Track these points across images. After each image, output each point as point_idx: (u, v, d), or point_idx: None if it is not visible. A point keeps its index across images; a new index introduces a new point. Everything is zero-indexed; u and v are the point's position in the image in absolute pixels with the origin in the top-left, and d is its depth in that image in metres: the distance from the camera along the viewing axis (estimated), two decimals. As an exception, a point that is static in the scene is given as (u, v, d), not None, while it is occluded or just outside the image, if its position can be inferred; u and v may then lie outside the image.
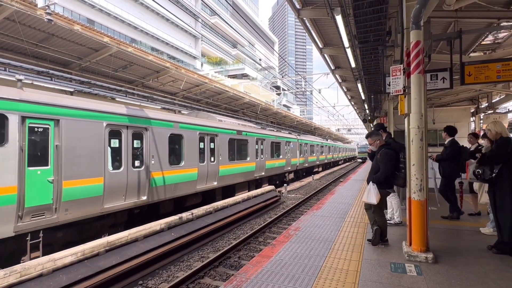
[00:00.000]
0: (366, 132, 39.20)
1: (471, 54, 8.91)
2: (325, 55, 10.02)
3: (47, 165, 5.66)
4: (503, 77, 5.19)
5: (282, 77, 47.38)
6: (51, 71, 8.34)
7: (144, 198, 7.67)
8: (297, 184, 19.82)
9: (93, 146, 6.45)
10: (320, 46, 9.35)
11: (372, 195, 4.45)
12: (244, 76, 46.00)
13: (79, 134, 6.17)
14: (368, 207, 4.75)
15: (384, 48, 6.40)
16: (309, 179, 22.73)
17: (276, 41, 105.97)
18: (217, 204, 9.50)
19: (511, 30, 7.31)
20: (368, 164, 22.85)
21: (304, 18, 7.35)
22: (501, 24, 6.71)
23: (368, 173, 4.92)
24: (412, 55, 3.99)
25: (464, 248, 4.41)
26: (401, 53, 5.05)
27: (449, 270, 3.62)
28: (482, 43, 8.32)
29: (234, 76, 43.59)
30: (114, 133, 7.03)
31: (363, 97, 13.69)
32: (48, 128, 5.70)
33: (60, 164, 5.80)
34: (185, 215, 7.96)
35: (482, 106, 14.89)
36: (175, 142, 9.07)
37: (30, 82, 7.50)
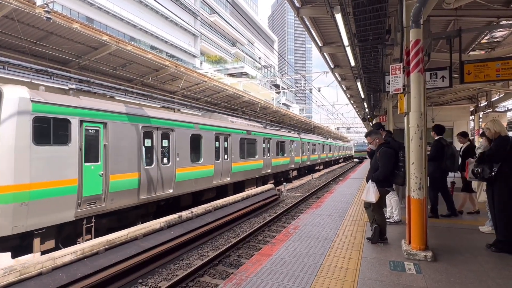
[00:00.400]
0: (365, 130, 39.19)
1: (471, 53, 8.91)
2: (325, 53, 10.01)
3: (98, 161, 6.74)
4: (503, 75, 5.20)
5: (282, 75, 47.27)
6: (50, 70, 8.30)
7: (171, 191, 8.68)
8: (296, 183, 19.84)
9: (132, 145, 7.51)
10: (320, 44, 9.34)
11: (371, 193, 4.46)
12: (244, 74, 45.93)
13: (121, 135, 7.25)
14: (367, 205, 4.76)
15: (383, 47, 6.40)
16: (308, 178, 22.76)
17: (275, 39, 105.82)
18: (217, 203, 9.51)
19: (511, 29, 7.31)
20: (367, 162, 22.91)
21: (304, 17, 7.33)
22: (501, 23, 6.71)
23: (367, 172, 4.92)
24: (411, 54, 3.99)
25: (463, 247, 4.42)
26: (400, 52, 5.05)
27: (448, 268, 3.63)
28: (481, 41, 8.32)
29: (233, 75, 43.51)
30: (147, 134, 8.10)
31: (362, 96, 13.68)
32: (98, 130, 6.78)
33: (107, 161, 6.88)
34: (185, 213, 7.97)
35: (481, 105, 14.91)
36: (195, 141, 10.03)
37: (29, 80, 7.49)
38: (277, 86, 48.38)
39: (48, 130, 5.82)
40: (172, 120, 8.93)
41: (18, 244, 5.51)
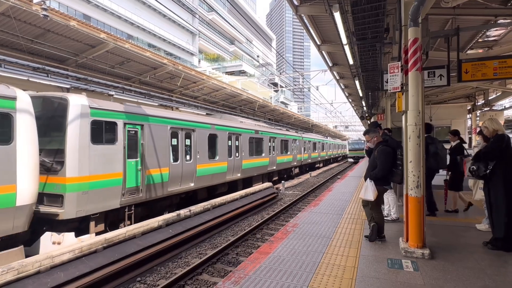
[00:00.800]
0: (363, 129, 39.19)
1: (468, 52, 8.93)
2: (323, 52, 10.00)
3: (137, 158, 7.78)
4: (500, 74, 5.21)
5: (280, 74, 47.19)
6: (47, 68, 8.26)
7: (192, 185, 9.83)
8: (294, 181, 19.87)
9: (162, 144, 8.59)
10: (318, 43, 9.33)
11: (369, 191, 4.48)
12: (242, 72, 45.85)
13: (154, 135, 8.31)
14: (365, 203, 4.78)
15: (382, 45, 6.41)
16: (306, 176, 22.80)
17: (273, 37, 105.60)
18: (215, 201, 9.52)
19: (508, 27, 7.33)
20: (365, 161, 23.01)
21: (302, 15, 7.32)
22: (498, 21, 6.73)
23: (365, 170, 4.94)
24: (410, 52, 4.00)
25: (460, 244, 4.45)
26: (399, 50, 5.05)
27: (445, 266, 3.66)
28: (479, 40, 8.34)
29: (231, 73, 43.44)
30: (174, 134, 9.15)
31: (360, 94, 13.69)
32: (137, 131, 7.81)
33: (144, 157, 7.92)
34: (183, 212, 7.98)
35: (479, 103, 14.96)
36: (212, 140, 11.12)
37: (26, 78, 7.45)
38: (275, 84, 48.36)
39: (101, 131, 6.92)
40: (194, 121, 10.11)
41: (78, 226, 6.62)
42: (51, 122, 6.62)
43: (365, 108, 17.82)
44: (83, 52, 10.10)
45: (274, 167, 17.43)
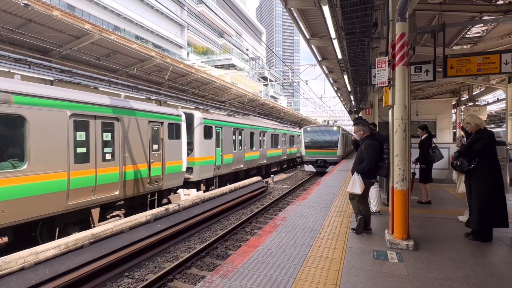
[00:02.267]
0: (351, 123, 39.59)
1: (454, 47, 9.10)
2: (312, 46, 10.01)
3: (219, 147, 12.88)
4: (484, 70, 5.33)
5: (270, 67, 47.00)
6: (29, 59, 7.99)
7: (242, 166, 15.11)
8: (283, 175, 19.99)
9: (229, 139, 13.83)
10: (307, 37, 9.33)
11: (356, 185, 4.53)
12: (231, 66, 45.49)
13: (226, 133, 13.49)
14: (352, 197, 4.84)
15: (370, 40, 6.45)
16: (295, 170, 22.95)
17: (263, 31, 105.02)
18: (204, 195, 9.50)
19: (493, 24, 7.49)
20: (352, 155, 23.26)
21: (292, 8, 7.29)
22: (483, 18, 6.86)
23: (352, 164, 4.99)
24: (397, 47, 4.03)
25: (442, 236, 4.58)
26: (386, 45, 5.09)
27: (428, 257, 3.76)
28: (465, 36, 8.49)
29: (221, 66, 43.03)
30: (234, 132, 14.39)
31: (349, 89, 13.81)
32: (219, 132, 12.99)
33: (222, 147, 13.05)
34: (171, 206, 7.93)
35: (463, 99, 15.31)
36: (251, 136, 16.49)
37: (7, 70, 7.19)
38: (265, 78, 48.18)
39: (206, 132, 11.83)
40: (242, 123, 15.52)
41: (195, 186, 11.23)
42: (187, 127, 10.49)
43: (353, 103, 18.00)
44: (67, 44, 9.81)
45: (285, 157, 23.19)
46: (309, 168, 20.06)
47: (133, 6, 37.45)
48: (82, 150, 6.59)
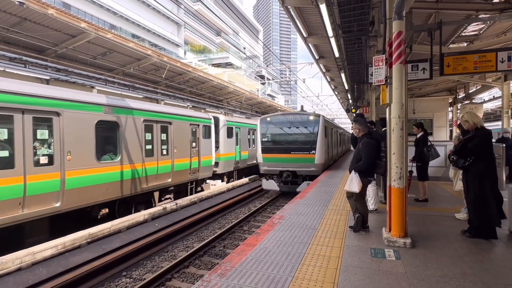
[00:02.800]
0: (349, 121, 39.68)
1: (451, 46, 9.12)
2: (310, 44, 10.00)
3: (238, 145, 15.39)
4: (480, 68, 5.36)
5: (267, 66, 46.96)
6: (24, 58, 7.92)
7: (255, 161, 16.58)
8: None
9: (245, 138, 16.48)
10: (305, 35, 9.31)
11: (354, 183, 4.54)
12: (229, 65, 45.36)
13: (243, 133, 16.12)
14: (350, 195, 4.85)
15: (367, 38, 6.45)
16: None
17: (260, 29, 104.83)
18: (202, 194, 9.50)
19: (489, 22, 7.51)
20: (350, 154, 23.36)
21: (289, 7, 7.27)
22: (479, 16, 6.88)
23: (350, 162, 5.00)
24: (394, 46, 4.03)
25: (439, 233, 4.60)
26: (383, 43, 5.09)
27: (425, 254, 3.78)
28: (461, 34, 8.52)
29: (218, 65, 42.90)
30: (249, 132, 16.99)
31: (346, 87, 13.82)
32: (238, 132, 15.59)
33: (240, 145, 15.48)
34: (169, 205, 7.92)
35: (460, 97, 15.37)
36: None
37: (2, 69, 7.13)
38: (262, 77, 48.14)
39: (228, 132, 14.07)
40: (255, 124, 15.87)
41: (218, 178, 13.61)
42: (215, 128, 12.89)
43: (350, 101, 18.02)
44: (63, 42, 9.73)
45: None
46: (270, 185, 11.81)
47: (129, 5, 37.22)
48: (149, 147, 8.79)
